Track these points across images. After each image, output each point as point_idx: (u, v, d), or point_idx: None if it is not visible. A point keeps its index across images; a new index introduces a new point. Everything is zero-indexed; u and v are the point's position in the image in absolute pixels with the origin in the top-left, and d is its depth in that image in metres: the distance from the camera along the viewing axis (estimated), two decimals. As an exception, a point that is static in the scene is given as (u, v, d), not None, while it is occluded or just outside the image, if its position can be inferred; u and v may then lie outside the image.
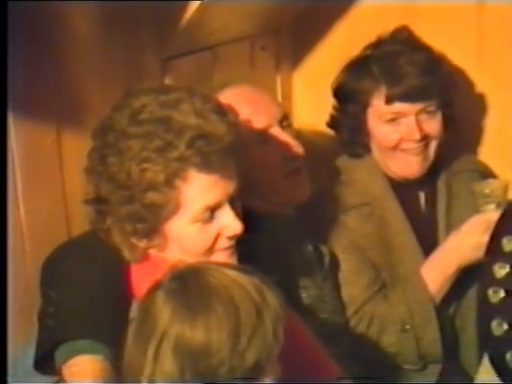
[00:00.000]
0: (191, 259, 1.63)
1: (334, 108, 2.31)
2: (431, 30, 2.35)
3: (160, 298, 1.42)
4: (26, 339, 1.69)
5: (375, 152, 2.26)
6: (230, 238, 1.67)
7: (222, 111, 1.66)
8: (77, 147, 1.80)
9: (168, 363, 1.39)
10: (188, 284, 1.43)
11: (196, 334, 1.38)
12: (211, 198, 1.63)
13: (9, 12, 1.52)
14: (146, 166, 1.59)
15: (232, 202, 1.66)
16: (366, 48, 2.26)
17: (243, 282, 1.43)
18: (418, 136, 2.17)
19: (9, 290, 1.59)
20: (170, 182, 1.60)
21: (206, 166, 1.61)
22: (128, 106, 1.64)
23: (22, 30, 1.67)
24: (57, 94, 1.80)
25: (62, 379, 1.60)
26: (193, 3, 2.00)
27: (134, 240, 1.66)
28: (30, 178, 1.76)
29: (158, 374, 1.39)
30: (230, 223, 1.66)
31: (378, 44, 2.25)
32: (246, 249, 1.71)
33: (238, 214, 1.67)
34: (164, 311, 1.41)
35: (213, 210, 1.64)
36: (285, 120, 2.02)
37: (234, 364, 1.38)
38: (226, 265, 1.51)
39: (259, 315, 1.40)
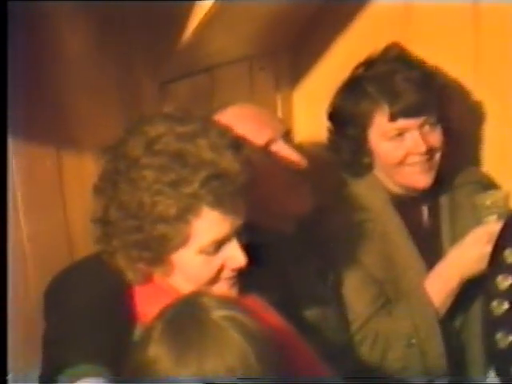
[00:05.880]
0: (194, 287, 1.65)
1: (331, 132, 2.31)
2: (427, 42, 2.38)
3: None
4: (26, 364, 1.69)
5: (378, 169, 2.26)
6: (234, 269, 1.68)
7: (237, 145, 1.66)
8: (77, 169, 1.81)
9: None
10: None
11: None
12: (220, 232, 1.64)
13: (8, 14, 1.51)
14: (158, 198, 1.59)
15: (238, 234, 1.67)
16: (356, 69, 2.27)
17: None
18: (423, 148, 2.18)
19: (10, 315, 1.57)
20: (181, 217, 1.60)
21: (218, 204, 1.61)
22: (143, 134, 1.63)
23: (22, 35, 1.65)
24: (55, 117, 1.81)
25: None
26: (189, 25, 2.01)
27: (139, 265, 1.66)
28: (31, 201, 1.76)
29: None
30: (235, 256, 1.66)
31: (369, 64, 2.25)
32: (247, 270, 1.71)
33: (242, 247, 1.68)
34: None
35: (220, 243, 1.65)
36: (287, 135, 2.04)
37: None
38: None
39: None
